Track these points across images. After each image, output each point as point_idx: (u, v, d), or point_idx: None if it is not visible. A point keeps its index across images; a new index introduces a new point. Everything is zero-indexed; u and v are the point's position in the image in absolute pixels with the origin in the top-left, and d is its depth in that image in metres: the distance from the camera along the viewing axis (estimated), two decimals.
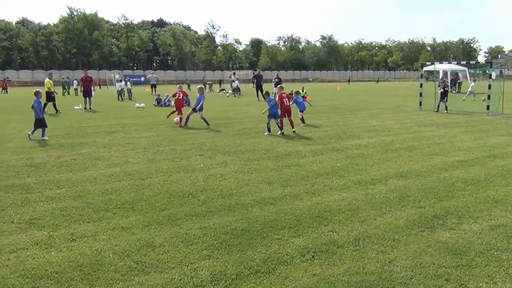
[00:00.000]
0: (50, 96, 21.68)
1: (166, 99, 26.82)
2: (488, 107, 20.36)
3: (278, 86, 16.03)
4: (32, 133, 13.17)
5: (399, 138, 12.88)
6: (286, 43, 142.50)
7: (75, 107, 25.07)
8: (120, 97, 32.89)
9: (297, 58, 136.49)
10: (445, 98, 21.68)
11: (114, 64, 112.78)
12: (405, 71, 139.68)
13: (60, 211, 6.28)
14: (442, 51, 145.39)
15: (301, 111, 16.47)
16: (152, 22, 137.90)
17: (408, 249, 4.93)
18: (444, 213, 6.11)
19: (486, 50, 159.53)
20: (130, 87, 35.65)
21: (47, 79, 22.42)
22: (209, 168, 9.02)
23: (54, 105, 21.81)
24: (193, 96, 19.90)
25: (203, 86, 18.11)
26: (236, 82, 42.14)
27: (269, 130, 13.96)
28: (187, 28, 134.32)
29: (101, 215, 6.11)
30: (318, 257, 4.74)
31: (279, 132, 13.77)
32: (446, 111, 21.22)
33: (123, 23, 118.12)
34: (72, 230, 5.56)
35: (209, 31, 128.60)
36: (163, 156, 10.30)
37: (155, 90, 38.36)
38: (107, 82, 68.91)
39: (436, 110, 21.66)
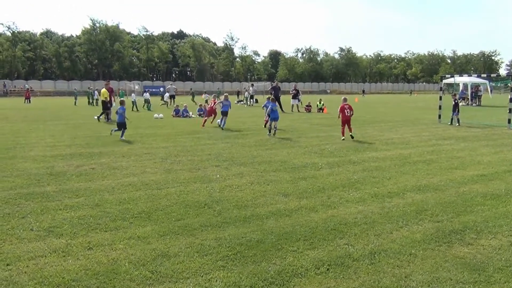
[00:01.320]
0: (106, 106, 23.48)
1: (184, 109, 27.05)
2: (509, 121, 19.99)
3: (343, 98, 16.87)
4: (121, 135, 15.48)
5: (417, 151, 12.75)
6: (304, 55, 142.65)
7: (96, 117, 25.48)
8: (134, 108, 33.03)
9: (315, 70, 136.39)
10: (456, 110, 21.37)
11: (134, 75, 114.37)
12: (424, 83, 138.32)
13: (78, 220, 6.38)
14: (463, 64, 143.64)
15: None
16: (172, 33, 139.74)
17: (425, 263, 4.87)
18: (462, 228, 6.02)
19: (508, 63, 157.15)
20: (148, 98, 35.99)
21: (103, 89, 23.91)
22: (225, 179, 9.06)
23: (107, 114, 23.41)
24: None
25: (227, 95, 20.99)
26: (251, 91, 42.59)
27: (269, 131, 16.58)
28: (206, 39, 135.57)
29: (118, 224, 6.18)
30: (333, 270, 4.70)
31: (269, 133, 16.49)
32: (457, 124, 20.94)
33: (143, 35, 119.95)
34: (89, 238, 5.64)
35: (228, 43, 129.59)
36: (180, 167, 10.38)
37: (174, 101, 38.69)
38: (127, 93, 69.78)
39: (449, 123, 21.36)
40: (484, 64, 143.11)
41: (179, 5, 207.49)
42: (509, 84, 22.14)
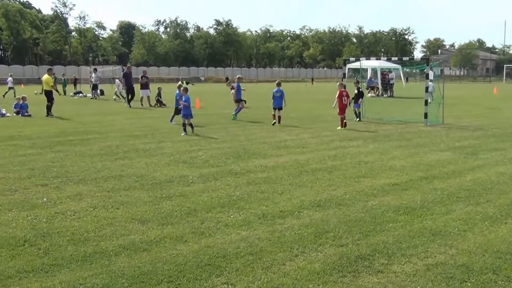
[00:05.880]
0: (50, 97, 24.96)
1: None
2: (426, 116, 21.79)
3: (339, 84, 19.03)
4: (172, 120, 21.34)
5: (316, 157, 13.44)
6: (168, 30, 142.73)
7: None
8: None
9: (185, 50, 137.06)
10: (359, 102, 23.17)
11: None
12: (325, 69, 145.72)
13: None
14: (371, 44, 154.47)
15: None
16: None
17: None
18: (370, 252, 6.46)
19: (424, 44, 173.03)
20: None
21: (46, 76, 25.66)
22: (56, 204, 8.73)
23: (49, 107, 24.89)
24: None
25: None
26: (93, 79, 41.44)
27: (184, 130, 17.87)
28: (27, 5, 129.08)
29: None
30: None
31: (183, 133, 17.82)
32: (357, 119, 22.74)
33: None
34: None
35: (59, 11, 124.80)
36: None
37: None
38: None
39: (357, 119, 22.88)
40: (396, 45, 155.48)
41: None
42: (425, 70, 23.96)
